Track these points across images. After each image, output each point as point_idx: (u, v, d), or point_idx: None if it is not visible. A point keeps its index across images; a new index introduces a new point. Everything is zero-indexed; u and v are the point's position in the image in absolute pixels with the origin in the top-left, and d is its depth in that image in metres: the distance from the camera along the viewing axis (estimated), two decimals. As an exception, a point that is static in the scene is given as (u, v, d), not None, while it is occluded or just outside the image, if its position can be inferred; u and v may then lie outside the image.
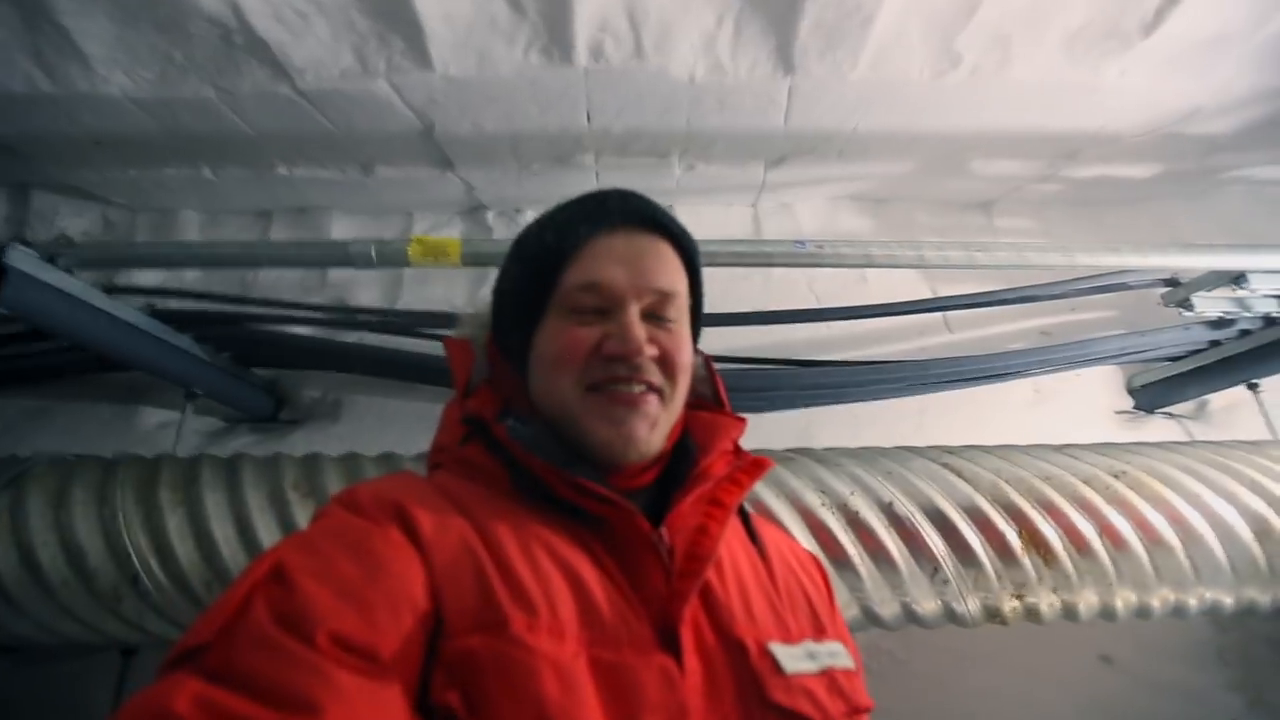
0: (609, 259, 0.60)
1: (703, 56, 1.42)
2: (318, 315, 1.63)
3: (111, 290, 1.26)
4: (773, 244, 1.34)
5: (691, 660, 0.49)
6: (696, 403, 0.68)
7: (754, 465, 0.62)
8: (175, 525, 1.05)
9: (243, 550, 1.06)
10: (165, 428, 1.62)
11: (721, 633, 0.52)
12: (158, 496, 1.06)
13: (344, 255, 1.19)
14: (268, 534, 1.06)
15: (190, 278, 1.74)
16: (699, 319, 0.68)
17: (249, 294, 1.73)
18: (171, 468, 1.12)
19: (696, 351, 0.69)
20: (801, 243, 1.33)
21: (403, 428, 1.68)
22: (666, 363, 0.59)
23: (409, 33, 1.29)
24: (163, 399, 1.65)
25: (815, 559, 0.72)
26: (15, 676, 1.34)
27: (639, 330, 0.58)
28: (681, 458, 0.62)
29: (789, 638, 0.55)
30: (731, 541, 0.61)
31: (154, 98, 1.38)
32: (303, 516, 1.08)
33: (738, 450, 0.64)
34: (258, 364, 1.65)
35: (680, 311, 0.63)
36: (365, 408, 1.72)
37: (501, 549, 0.51)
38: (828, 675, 0.55)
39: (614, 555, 0.53)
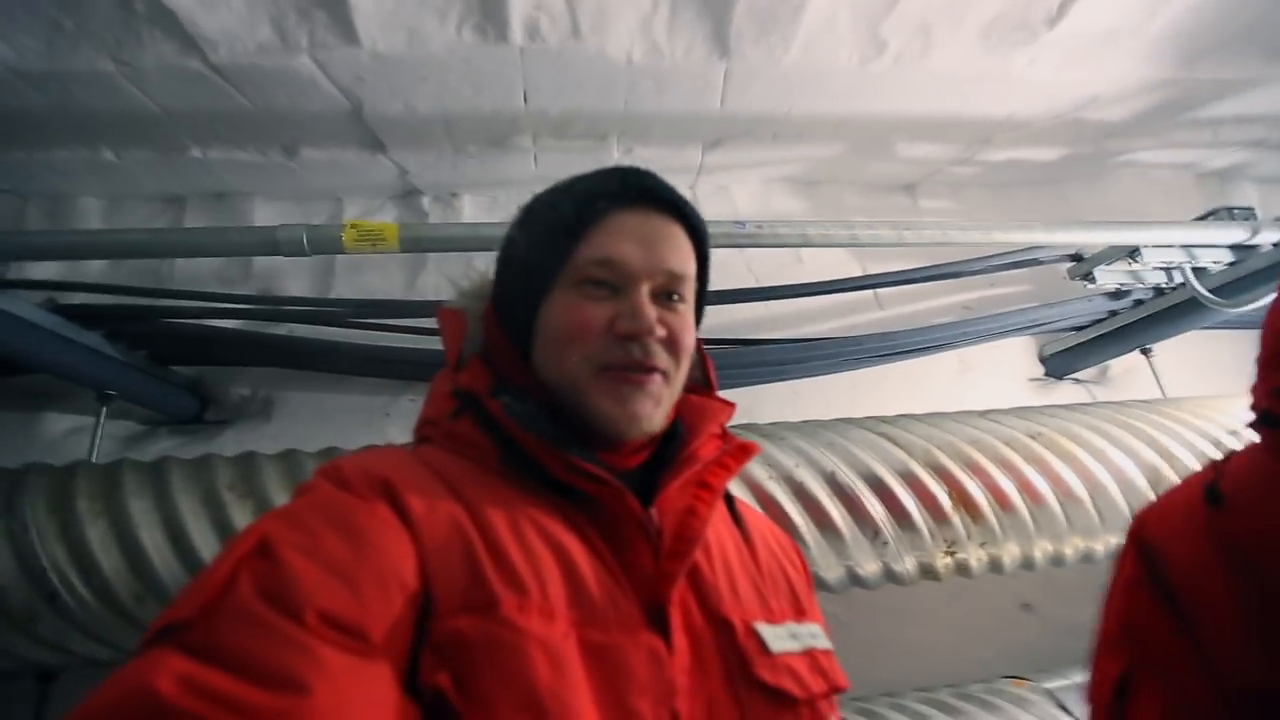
0: (625, 236, 0.60)
1: (640, 38, 1.41)
2: (243, 307, 1.54)
3: (6, 285, 1.14)
4: (714, 224, 1.35)
5: (680, 639, 0.50)
6: (687, 385, 0.68)
7: (741, 450, 0.63)
8: (97, 536, 0.97)
9: (175, 559, 1.00)
10: (76, 434, 1.49)
11: (709, 612, 0.53)
12: (75, 506, 0.98)
13: (272, 242, 1.13)
14: (203, 539, 1.00)
15: (94, 270, 1.60)
16: (702, 303, 0.68)
17: (163, 286, 1.61)
18: (88, 476, 1.04)
19: None
20: (741, 223, 1.36)
21: (340, 423, 1.62)
22: (673, 344, 0.60)
23: (332, 5, 1.23)
24: (71, 404, 1.51)
25: (795, 543, 0.73)
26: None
27: (650, 310, 0.58)
28: (670, 440, 0.63)
29: (772, 618, 0.57)
30: (717, 524, 0.62)
31: (41, 70, 1.25)
32: (241, 518, 1.02)
33: (725, 434, 0.65)
34: (178, 361, 1.54)
35: (688, 294, 0.63)
36: (299, 404, 1.64)
37: (491, 528, 0.50)
38: (810, 655, 0.57)
39: (604, 536, 0.53)
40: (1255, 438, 0.59)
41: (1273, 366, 0.58)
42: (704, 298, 0.68)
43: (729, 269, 1.89)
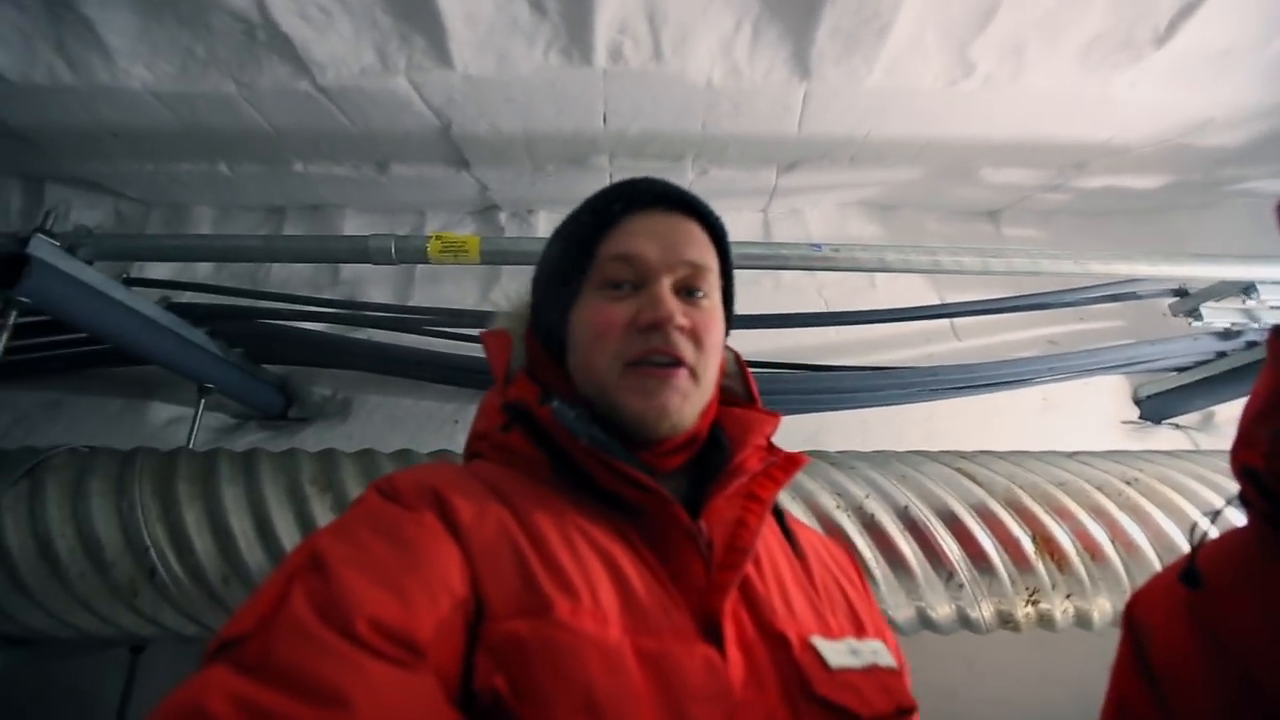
0: (641, 234, 0.62)
1: (720, 60, 1.43)
2: (330, 311, 1.63)
3: (128, 282, 1.26)
4: (789, 246, 1.36)
5: (734, 652, 0.49)
6: (729, 399, 0.68)
7: (788, 461, 0.62)
8: (193, 519, 1.04)
9: (259, 545, 1.05)
10: (175, 423, 1.61)
11: (762, 626, 0.52)
12: (176, 489, 1.06)
13: (364, 251, 1.19)
14: (285, 528, 1.06)
15: (201, 272, 1.74)
16: (730, 304, 0.69)
17: (260, 290, 1.73)
18: (189, 461, 1.12)
19: (727, 347, 0.69)
20: (817, 246, 1.34)
21: (413, 427, 1.68)
22: (697, 337, 0.60)
23: (431, 32, 1.30)
24: (171, 394, 1.65)
25: (852, 559, 0.71)
26: (24, 672, 1.32)
27: (671, 300, 0.59)
28: (716, 453, 0.62)
29: (829, 634, 0.55)
30: (768, 538, 0.60)
31: (174, 91, 1.38)
32: (320, 511, 1.07)
33: (771, 446, 0.64)
34: (269, 360, 1.65)
35: (711, 288, 0.64)
36: (375, 406, 1.72)
37: (541, 535, 0.51)
38: (873, 672, 0.54)
39: (652, 546, 0.53)
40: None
41: (1243, 443, 0.57)
42: (731, 298, 0.69)
43: (800, 292, 1.87)
